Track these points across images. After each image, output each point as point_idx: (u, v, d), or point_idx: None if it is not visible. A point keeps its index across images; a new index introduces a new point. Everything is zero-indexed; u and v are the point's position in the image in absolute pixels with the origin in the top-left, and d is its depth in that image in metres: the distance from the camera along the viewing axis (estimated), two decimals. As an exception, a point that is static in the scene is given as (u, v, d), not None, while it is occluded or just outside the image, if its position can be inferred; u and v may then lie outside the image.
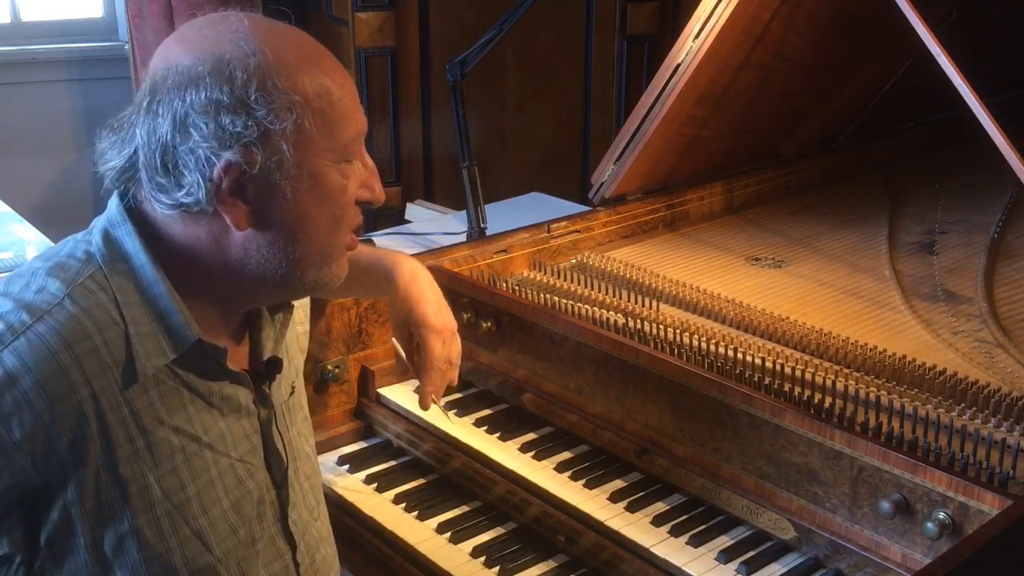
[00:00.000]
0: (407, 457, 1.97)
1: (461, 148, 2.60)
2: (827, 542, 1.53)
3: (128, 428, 1.18)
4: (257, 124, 1.15)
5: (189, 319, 1.22)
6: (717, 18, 2.19)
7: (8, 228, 3.13)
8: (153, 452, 1.20)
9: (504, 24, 2.51)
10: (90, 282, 1.20)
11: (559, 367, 1.91)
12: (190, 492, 1.24)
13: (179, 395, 1.24)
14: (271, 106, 1.15)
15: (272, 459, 1.35)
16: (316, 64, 1.21)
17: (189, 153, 1.15)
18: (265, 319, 1.37)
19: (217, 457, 1.27)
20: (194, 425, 1.25)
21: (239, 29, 1.18)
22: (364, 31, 4.28)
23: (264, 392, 1.35)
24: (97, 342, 1.17)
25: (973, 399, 1.63)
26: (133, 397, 1.19)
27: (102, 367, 1.17)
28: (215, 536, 1.26)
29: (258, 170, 1.16)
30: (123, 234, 1.22)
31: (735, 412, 1.64)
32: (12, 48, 4.38)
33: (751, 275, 2.20)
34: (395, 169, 4.54)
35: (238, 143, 1.15)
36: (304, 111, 1.17)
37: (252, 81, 1.15)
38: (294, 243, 1.22)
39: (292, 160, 1.18)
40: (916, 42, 1.84)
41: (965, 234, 2.44)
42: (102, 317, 1.18)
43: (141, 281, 1.21)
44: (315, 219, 1.22)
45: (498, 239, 2.25)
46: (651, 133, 2.32)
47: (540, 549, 1.70)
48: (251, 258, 1.22)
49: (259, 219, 1.20)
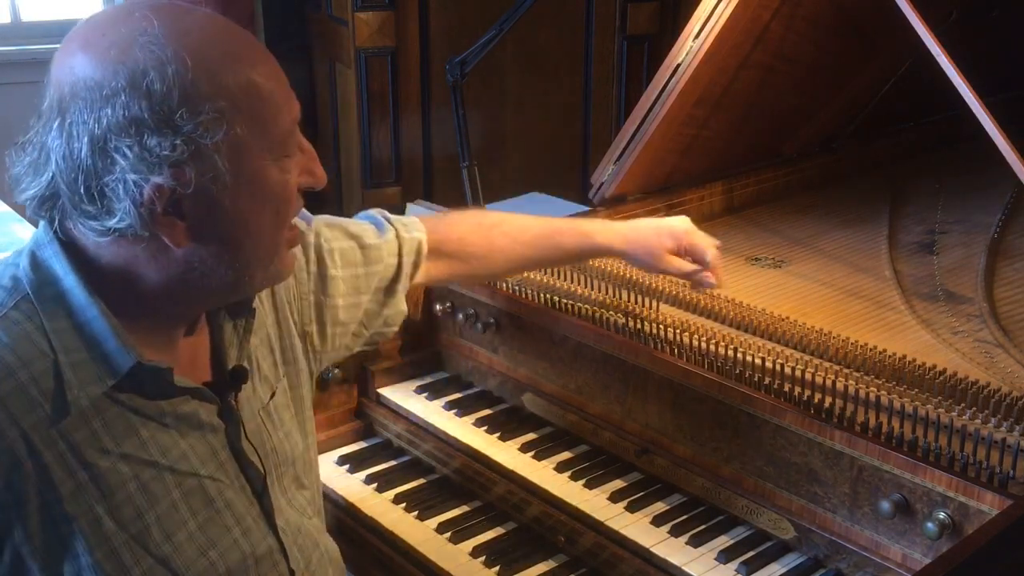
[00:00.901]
0: (407, 457, 1.97)
1: (461, 148, 2.60)
2: (827, 542, 1.53)
3: (67, 463, 1.12)
4: (186, 142, 1.07)
5: (127, 341, 1.15)
6: (717, 18, 2.19)
7: (8, 228, 3.13)
8: (99, 484, 1.14)
9: (504, 24, 2.51)
10: (15, 312, 1.13)
11: (559, 367, 1.91)
12: (149, 520, 1.18)
13: (126, 420, 1.17)
14: (198, 120, 1.07)
15: (248, 471, 1.30)
16: (239, 58, 1.12)
17: (116, 181, 1.07)
18: (227, 326, 1.32)
19: (180, 479, 1.21)
20: (148, 450, 1.19)
21: (148, 30, 1.08)
22: (364, 31, 4.28)
23: (230, 404, 1.29)
24: (22, 378, 1.10)
25: (973, 399, 1.63)
26: (69, 431, 1.13)
27: (31, 404, 1.10)
28: (182, 560, 1.20)
29: (193, 188, 1.09)
30: (49, 255, 1.16)
31: (735, 412, 1.64)
32: (12, 48, 4.38)
33: (751, 275, 2.20)
34: (395, 169, 4.54)
35: (167, 165, 1.07)
36: (234, 116, 1.10)
37: (173, 93, 1.06)
38: (238, 250, 1.16)
39: (228, 170, 1.11)
40: (916, 42, 1.84)
41: (965, 234, 2.44)
42: (27, 350, 1.12)
43: (71, 305, 1.14)
44: (258, 222, 1.16)
45: (498, 239, 2.24)
46: (651, 133, 2.32)
47: (540, 549, 1.70)
48: (194, 271, 1.16)
49: (199, 233, 1.13)
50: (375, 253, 1.60)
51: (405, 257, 1.64)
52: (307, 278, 1.52)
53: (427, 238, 1.68)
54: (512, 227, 1.79)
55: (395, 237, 1.64)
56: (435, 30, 4.48)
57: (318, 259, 1.53)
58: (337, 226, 1.59)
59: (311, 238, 1.54)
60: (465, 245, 1.74)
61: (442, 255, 1.71)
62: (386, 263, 1.62)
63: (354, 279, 1.57)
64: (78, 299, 1.14)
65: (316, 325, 1.53)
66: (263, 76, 1.14)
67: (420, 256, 1.67)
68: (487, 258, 1.76)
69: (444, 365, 2.13)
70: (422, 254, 1.67)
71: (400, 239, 1.65)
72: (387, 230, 1.65)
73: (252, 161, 1.13)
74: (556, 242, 1.80)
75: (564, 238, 1.81)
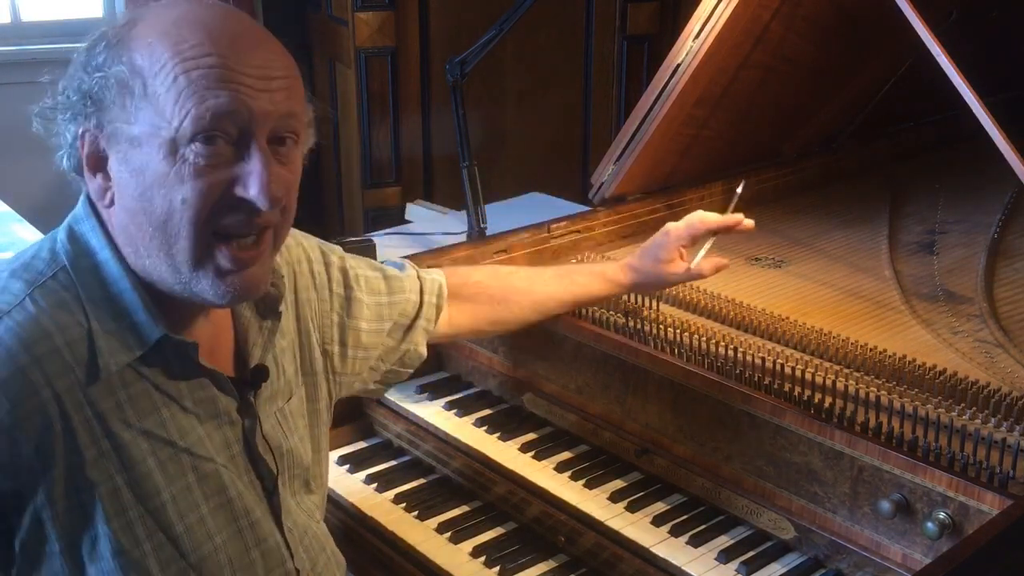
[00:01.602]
0: (407, 457, 1.97)
1: (461, 148, 2.60)
2: (827, 542, 1.53)
3: (93, 430, 1.16)
4: (96, 96, 1.14)
5: (155, 315, 1.19)
6: (717, 18, 2.19)
7: (8, 228, 3.13)
8: (121, 455, 1.17)
9: (504, 24, 2.51)
10: (53, 282, 1.18)
11: (559, 367, 1.91)
12: (165, 497, 1.20)
13: (149, 398, 1.20)
14: (105, 77, 1.13)
15: (261, 469, 1.32)
16: (179, 34, 1.13)
17: (59, 119, 1.19)
18: (252, 326, 1.34)
19: (196, 462, 1.24)
20: (168, 429, 1.21)
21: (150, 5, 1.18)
22: (364, 31, 4.28)
23: (248, 400, 1.31)
24: (58, 342, 1.15)
25: (973, 399, 1.63)
26: (98, 398, 1.16)
27: (64, 368, 1.14)
28: (191, 543, 1.23)
29: (104, 144, 1.16)
30: (87, 229, 1.21)
31: (735, 412, 1.64)
32: (12, 48, 4.38)
33: (751, 275, 2.20)
34: (395, 169, 4.54)
35: (84, 113, 1.15)
36: (134, 83, 1.13)
37: (105, 50, 1.15)
38: (141, 229, 1.17)
39: (125, 135, 1.14)
40: (916, 42, 1.84)
41: (965, 234, 2.44)
42: (64, 317, 1.16)
43: (105, 277, 1.19)
44: (153, 203, 1.14)
45: (498, 239, 2.25)
46: (651, 133, 2.32)
47: (540, 549, 1.70)
48: (125, 245, 1.19)
49: (119, 198, 1.18)
50: (397, 284, 1.66)
51: (427, 296, 1.70)
52: (330, 296, 1.55)
53: (447, 282, 1.74)
54: (528, 272, 1.87)
55: (416, 276, 1.70)
56: (435, 30, 4.48)
57: (344, 281, 1.57)
58: (361, 258, 1.66)
59: (336, 260, 1.57)
60: (484, 288, 1.79)
61: (463, 299, 1.77)
62: (408, 298, 1.67)
63: (378, 307, 1.62)
64: (112, 271, 1.19)
65: (338, 346, 1.55)
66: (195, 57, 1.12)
67: (442, 299, 1.72)
68: (508, 301, 1.80)
69: (444, 365, 2.13)
70: (443, 296, 1.73)
71: (421, 279, 1.71)
72: (406, 267, 1.72)
73: (146, 134, 1.13)
74: (572, 279, 1.84)
75: (579, 276, 1.86)
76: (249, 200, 1.16)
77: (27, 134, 1.26)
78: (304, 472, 1.43)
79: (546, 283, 1.83)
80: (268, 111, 1.15)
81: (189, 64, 1.12)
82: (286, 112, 1.18)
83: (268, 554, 1.31)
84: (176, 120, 1.12)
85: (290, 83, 1.19)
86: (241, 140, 1.15)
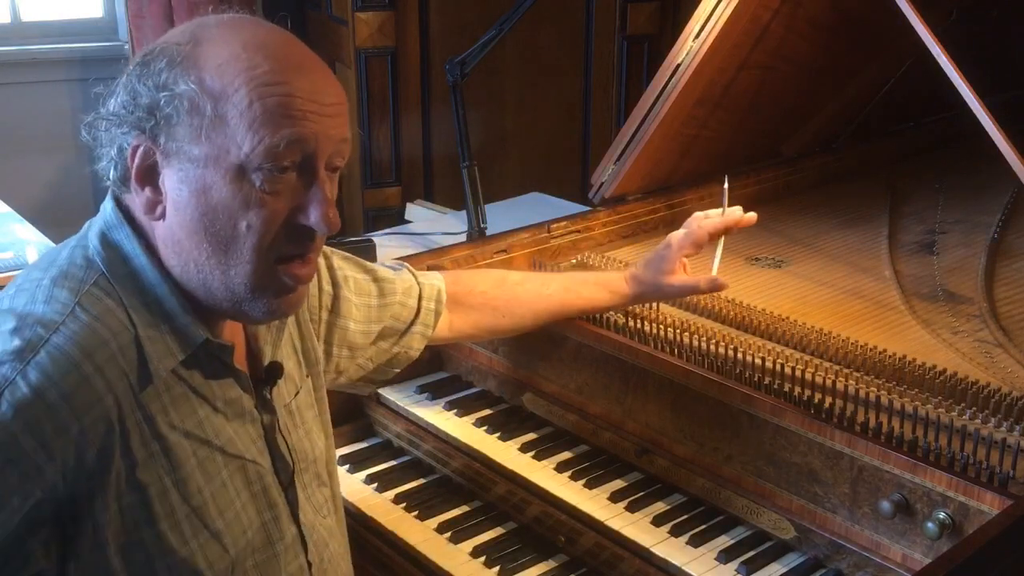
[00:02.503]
0: (407, 457, 1.97)
1: (461, 148, 2.60)
2: (827, 542, 1.53)
3: (143, 432, 1.17)
4: (159, 111, 1.14)
5: (195, 319, 1.21)
6: (717, 18, 2.19)
7: (8, 228, 3.13)
8: (169, 456, 1.19)
9: (504, 24, 2.51)
10: (95, 289, 1.19)
11: (559, 367, 1.91)
12: (206, 495, 1.23)
13: (188, 400, 1.23)
14: (172, 94, 1.13)
15: (278, 463, 1.35)
16: (249, 60, 1.14)
17: (108, 130, 1.18)
18: (261, 325, 1.36)
19: (227, 460, 1.26)
20: (204, 429, 1.24)
21: (211, 22, 1.19)
22: (364, 31, 4.28)
23: (265, 397, 1.34)
24: (113, 348, 1.16)
25: (973, 399, 1.63)
26: (147, 402, 1.18)
27: (120, 373, 1.16)
28: (231, 537, 1.26)
29: (160, 159, 1.16)
30: (122, 236, 1.22)
31: (735, 412, 1.64)
32: (12, 48, 4.38)
33: (751, 275, 2.20)
34: (395, 169, 4.54)
35: (140, 128, 1.15)
36: (203, 104, 1.13)
37: (168, 68, 1.14)
38: (197, 248, 1.18)
39: (188, 155, 1.14)
40: (916, 42, 1.84)
41: (965, 234, 2.44)
42: (113, 323, 1.17)
43: (144, 283, 1.20)
44: (215, 226, 1.16)
45: (498, 239, 2.25)
46: (651, 133, 2.32)
47: (540, 549, 1.70)
48: (171, 258, 1.20)
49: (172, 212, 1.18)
50: (388, 286, 1.66)
51: (425, 302, 1.71)
52: (319, 293, 1.56)
53: (449, 289, 1.75)
54: (535, 281, 1.86)
55: (413, 281, 1.71)
56: (435, 30, 4.48)
57: (332, 280, 1.58)
58: (351, 259, 1.65)
59: (322, 260, 1.58)
60: (489, 300, 1.80)
61: (466, 307, 1.78)
62: (401, 302, 1.68)
63: (367, 308, 1.63)
64: (150, 277, 1.20)
65: (323, 344, 1.58)
66: (265, 84, 1.14)
67: (440, 304, 1.73)
68: (511, 313, 1.81)
69: (444, 365, 2.13)
70: (442, 301, 1.74)
71: (420, 284, 1.71)
72: (402, 271, 1.72)
73: (212, 156, 1.14)
74: (577, 292, 1.84)
75: (585, 289, 1.86)
76: (311, 227, 1.19)
77: (27, 134, 1.27)
78: (314, 465, 1.45)
79: (550, 297, 1.83)
80: (331, 136, 1.18)
81: (264, 91, 1.13)
82: (342, 138, 1.21)
83: (288, 548, 1.34)
84: (247, 145, 1.13)
85: (344, 109, 1.21)
86: (304, 167, 1.17)
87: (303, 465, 1.42)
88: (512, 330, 1.85)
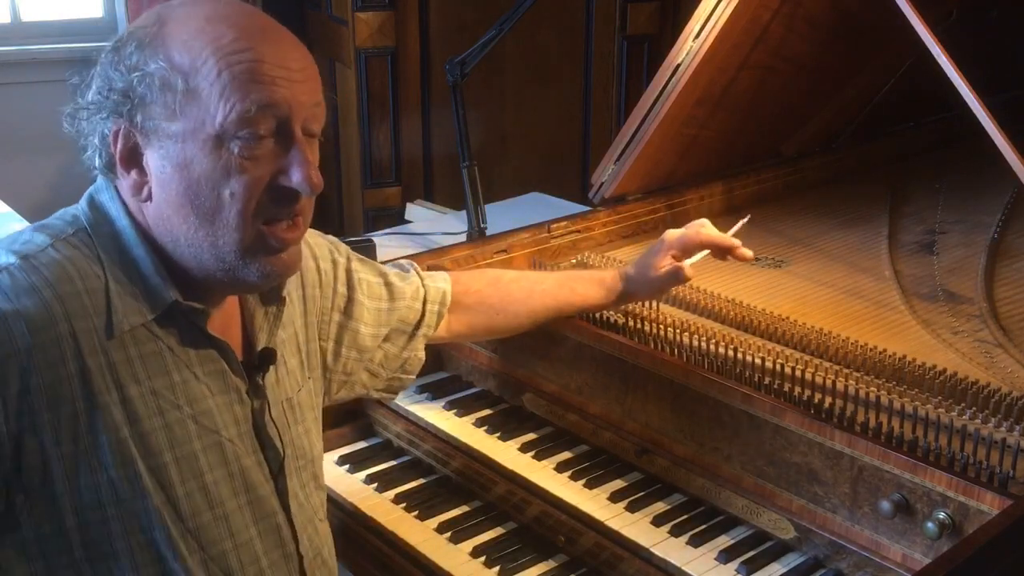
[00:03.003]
0: (407, 457, 1.97)
1: (461, 148, 2.60)
2: (827, 542, 1.53)
3: (106, 378, 1.19)
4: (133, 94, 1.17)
5: (167, 281, 1.23)
6: (717, 18, 2.19)
7: (8, 228, 3.13)
8: (127, 407, 1.20)
9: (504, 24, 2.51)
10: (74, 238, 1.23)
11: (559, 367, 1.91)
12: (167, 458, 1.23)
13: (161, 359, 1.24)
14: (143, 75, 1.16)
15: (268, 451, 1.35)
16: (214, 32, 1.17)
17: (88, 119, 1.21)
18: (258, 312, 1.38)
19: (202, 431, 1.26)
20: (176, 393, 1.24)
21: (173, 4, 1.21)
22: (364, 31, 4.28)
23: (257, 383, 1.34)
24: (79, 287, 1.19)
25: (973, 399, 1.63)
26: (111, 349, 1.20)
27: (84, 311, 1.18)
28: (190, 507, 1.25)
29: (141, 140, 1.19)
30: (107, 199, 1.26)
31: (735, 412, 1.64)
32: (12, 48, 4.38)
33: (751, 275, 2.20)
34: (395, 169, 4.54)
35: (118, 112, 1.18)
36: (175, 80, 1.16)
37: (137, 50, 1.17)
38: (185, 222, 1.21)
39: (166, 132, 1.17)
40: (916, 42, 1.84)
41: (965, 234, 2.44)
42: (84, 267, 1.20)
43: (123, 242, 1.23)
44: (199, 198, 1.19)
45: (498, 239, 2.25)
46: (651, 133, 2.32)
47: (540, 549, 1.70)
48: (163, 236, 1.23)
49: (158, 191, 1.20)
50: (398, 291, 1.68)
51: (429, 304, 1.72)
52: (332, 295, 1.58)
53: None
54: (529, 279, 1.87)
55: (419, 283, 1.72)
56: (435, 30, 4.48)
57: (348, 283, 1.60)
58: (367, 262, 1.68)
59: (342, 260, 1.60)
60: (484, 298, 1.80)
61: (463, 308, 1.78)
62: (409, 305, 1.69)
63: (378, 312, 1.64)
64: (129, 238, 1.24)
65: (332, 343, 1.59)
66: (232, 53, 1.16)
67: (444, 306, 1.75)
68: (506, 312, 1.82)
69: (444, 365, 2.13)
70: (446, 304, 1.75)
71: (425, 287, 1.73)
72: (411, 273, 1.73)
73: (189, 130, 1.17)
74: (571, 288, 1.85)
75: (579, 284, 1.86)
76: (293, 188, 1.21)
77: (27, 134, 1.29)
78: (311, 465, 1.45)
79: (544, 293, 1.83)
80: (303, 102, 1.21)
81: (231, 59, 1.16)
82: (315, 102, 1.23)
83: (268, 532, 1.34)
84: (220, 115, 1.16)
85: (314, 74, 1.24)
86: (280, 132, 1.20)
87: (301, 463, 1.42)
88: (509, 329, 1.85)
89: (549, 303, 1.83)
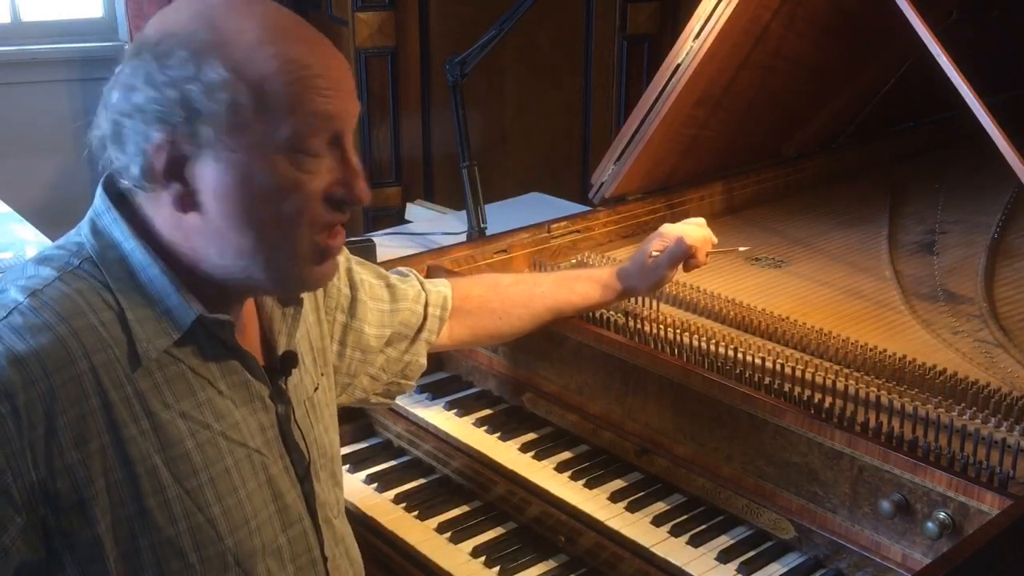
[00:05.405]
0: (407, 457, 1.97)
1: (461, 148, 2.60)
2: (827, 542, 1.53)
3: (133, 408, 1.16)
4: (189, 104, 1.12)
5: (188, 297, 1.20)
6: (717, 18, 2.19)
7: (8, 228, 3.13)
8: (159, 434, 1.18)
9: (504, 24, 2.51)
10: (80, 270, 1.19)
11: (559, 367, 1.91)
12: (203, 479, 1.22)
13: (185, 380, 1.22)
14: (204, 85, 1.12)
15: (294, 455, 1.34)
16: (275, 42, 1.15)
17: (130, 128, 1.15)
18: (276, 314, 1.36)
19: (232, 446, 1.25)
20: (203, 412, 1.23)
21: (216, 4, 1.17)
22: (364, 31, 4.28)
23: (280, 387, 1.33)
24: (93, 320, 1.16)
25: (973, 399, 1.63)
26: (136, 378, 1.17)
27: (102, 344, 1.15)
28: (228, 525, 1.24)
29: (191, 151, 1.14)
30: (109, 222, 1.21)
31: (735, 412, 1.64)
32: (12, 48, 4.38)
33: (751, 275, 2.20)
34: (395, 169, 4.54)
35: (168, 122, 1.13)
36: (239, 92, 1.13)
37: (191, 59, 1.12)
38: (241, 235, 1.18)
39: (225, 144, 1.14)
40: (916, 42, 1.85)
41: (965, 234, 2.44)
42: (94, 299, 1.17)
43: (133, 266, 1.20)
44: (260, 212, 1.17)
45: (498, 239, 2.25)
46: (651, 133, 2.32)
47: (540, 549, 1.70)
48: (207, 247, 1.20)
49: (204, 205, 1.17)
50: (400, 292, 1.68)
51: (431, 308, 1.72)
52: (336, 295, 1.57)
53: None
54: (527, 282, 1.87)
55: (420, 287, 1.72)
56: (435, 30, 4.48)
57: (350, 283, 1.60)
58: (366, 264, 1.67)
59: (342, 260, 1.59)
60: (485, 303, 1.80)
61: (464, 313, 1.78)
62: (411, 308, 1.69)
63: (380, 313, 1.64)
64: (139, 260, 1.20)
65: (337, 344, 1.58)
66: (296, 65, 1.15)
67: (446, 312, 1.74)
68: (507, 315, 1.82)
69: (444, 365, 2.13)
70: (447, 309, 1.74)
71: (426, 291, 1.72)
72: (410, 278, 1.74)
73: (253, 144, 1.14)
74: (571, 288, 1.85)
75: (578, 284, 1.87)
76: (349, 200, 1.21)
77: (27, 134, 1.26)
78: (331, 463, 1.45)
79: (544, 295, 1.84)
80: (352, 112, 1.21)
81: (296, 73, 1.14)
82: (357, 112, 1.23)
83: (296, 540, 1.33)
84: (285, 129, 1.14)
85: (353, 83, 1.23)
86: (335, 144, 1.20)
87: (321, 461, 1.41)
88: (510, 333, 1.85)
89: (550, 304, 1.84)
